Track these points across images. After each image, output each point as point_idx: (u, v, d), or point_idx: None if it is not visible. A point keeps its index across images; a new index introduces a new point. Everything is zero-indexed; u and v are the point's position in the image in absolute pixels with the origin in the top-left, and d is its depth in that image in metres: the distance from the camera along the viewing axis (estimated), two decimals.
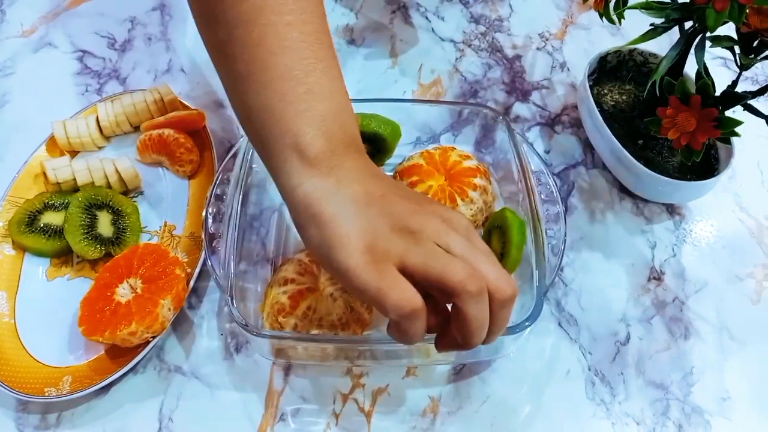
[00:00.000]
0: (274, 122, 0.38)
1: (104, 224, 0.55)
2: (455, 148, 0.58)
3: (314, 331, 0.48)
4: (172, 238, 0.57)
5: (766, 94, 0.49)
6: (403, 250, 0.35)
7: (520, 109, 0.68)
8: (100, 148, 0.62)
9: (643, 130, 0.59)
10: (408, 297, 0.35)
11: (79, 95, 0.67)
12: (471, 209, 0.54)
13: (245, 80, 0.39)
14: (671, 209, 0.61)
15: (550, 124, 0.66)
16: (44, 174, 0.58)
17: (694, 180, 0.55)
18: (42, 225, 0.55)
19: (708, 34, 0.47)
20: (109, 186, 0.58)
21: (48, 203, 0.56)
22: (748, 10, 0.43)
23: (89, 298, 0.50)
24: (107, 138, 0.62)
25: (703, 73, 0.48)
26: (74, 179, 0.57)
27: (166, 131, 0.59)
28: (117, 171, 0.57)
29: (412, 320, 0.35)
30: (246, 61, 0.39)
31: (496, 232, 0.53)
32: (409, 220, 0.36)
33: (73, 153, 0.61)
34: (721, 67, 0.71)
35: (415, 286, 0.35)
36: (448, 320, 0.38)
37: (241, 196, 0.51)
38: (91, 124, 0.60)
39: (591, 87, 0.60)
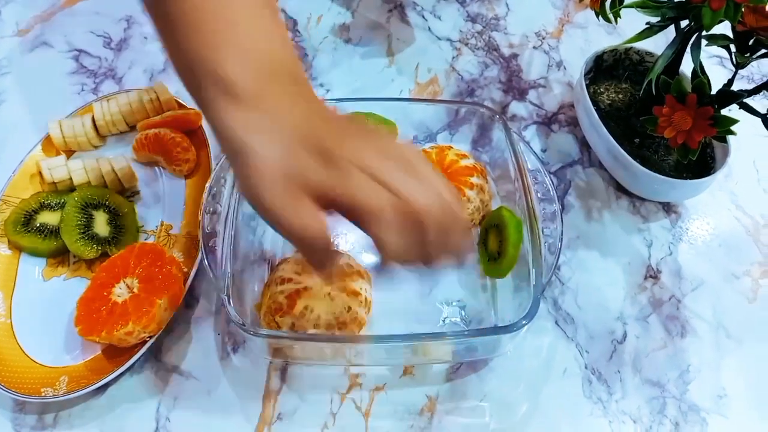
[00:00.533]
0: (201, 59, 0.38)
1: (100, 224, 0.55)
2: (452, 147, 0.58)
3: (311, 331, 0.48)
4: (168, 237, 0.57)
5: (761, 93, 0.49)
6: (321, 177, 0.35)
7: (516, 107, 0.68)
8: (96, 147, 0.62)
9: (640, 129, 0.59)
10: (307, 224, 0.35)
11: (75, 94, 0.67)
12: (468, 208, 0.54)
13: (177, 23, 0.39)
14: (668, 208, 0.61)
15: (547, 122, 0.66)
16: (40, 174, 0.58)
17: (690, 178, 0.56)
18: (38, 225, 0.55)
19: (704, 33, 0.47)
20: (105, 185, 0.58)
21: (44, 203, 0.56)
22: (743, 9, 0.43)
23: (86, 297, 0.50)
24: (103, 137, 0.62)
25: (698, 72, 0.49)
26: (70, 179, 0.57)
27: (163, 130, 0.59)
28: (113, 170, 0.57)
29: (312, 247, 0.35)
30: (178, 2, 0.38)
31: (493, 231, 0.53)
32: (334, 147, 0.36)
33: (69, 152, 0.61)
34: (716, 66, 0.71)
35: (344, 216, 0.35)
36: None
37: (237, 196, 0.50)
38: (86, 124, 0.60)
39: (587, 86, 0.60)
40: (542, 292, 0.47)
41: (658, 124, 0.50)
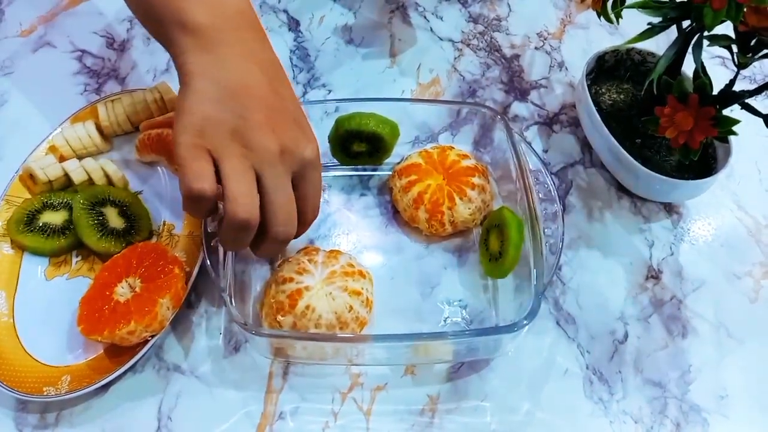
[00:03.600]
0: (167, 5, 0.42)
1: (113, 218, 0.55)
2: (454, 148, 0.58)
3: (313, 330, 0.48)
4: (171, 237, 0.57)
5: (763, 93, 0.49)
6: (224, 154, 0.40)
7: (518, 108, 0.68)
8: (103, 152, 0.61)
9: (641, 129, 0.59)
10: (197, 180, 0.39)
11: (78, 95, 0.67)
12: (469, 208, 0.55)
13: None
14: (669, 208, 0.61)
15: (549, 123, 0.66)
16: (31, 176, 0.57)
17: (692, 179, 0.56)
18: (41, 224, 0.55)
19: (705, 33, 0.47)
20: (110, 182, 0.58)
21: (47, 202, 0.56)
22: (745, 9, 0.43)
23: (88, 297, 0.50)
24: (109, 140, 0.62)
25: (700, 72, 0.49)
26: (65, 175, 0.57)
27: (165, 131, 0.59)
28: (106, 175, 0.58)
29: (194, 201, 0.40)
30: None
31: (495, 231, 0.53)
32: (251, 133, 0.40)
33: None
34: (718, 66, 0.71)
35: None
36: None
37: None
38: (91, 130, 0.60)
39: (589, 86, 0.60)
40: (543, 292, 0.47)
41: (660, 125, 0.50)
